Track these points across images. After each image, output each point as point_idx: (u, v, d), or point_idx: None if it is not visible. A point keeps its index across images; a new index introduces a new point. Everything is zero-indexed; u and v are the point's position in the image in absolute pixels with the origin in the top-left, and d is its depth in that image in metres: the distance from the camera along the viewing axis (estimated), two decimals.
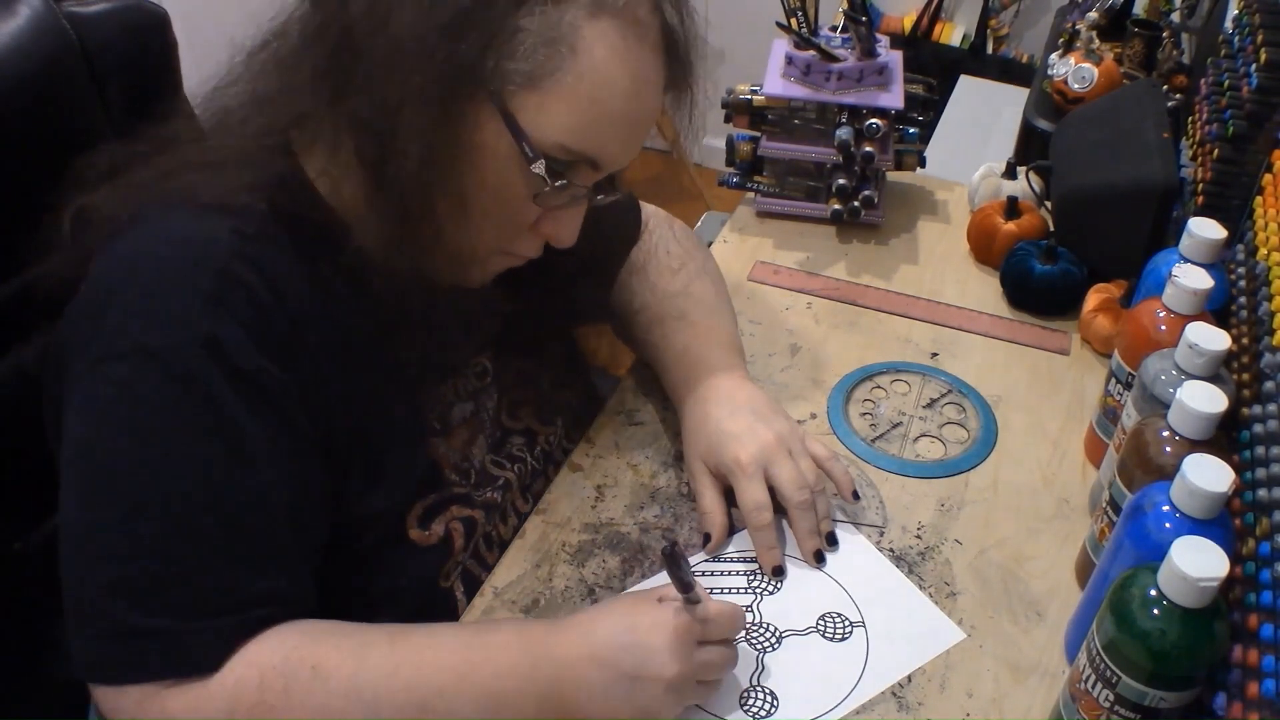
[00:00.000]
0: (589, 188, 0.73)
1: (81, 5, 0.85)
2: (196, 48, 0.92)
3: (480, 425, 0.85)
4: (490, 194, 0.69)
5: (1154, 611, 0.59)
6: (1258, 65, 0.92)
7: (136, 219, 0.68)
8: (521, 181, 0.69)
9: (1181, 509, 0.63)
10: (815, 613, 0.78)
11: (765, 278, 1.13)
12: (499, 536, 0.85)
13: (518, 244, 0.75)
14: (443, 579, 0.80)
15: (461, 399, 0.84)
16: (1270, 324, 0.74)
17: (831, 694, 0.73)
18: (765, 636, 0.77)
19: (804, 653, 0.76)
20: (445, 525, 0.80)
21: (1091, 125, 1.12)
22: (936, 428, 0.95)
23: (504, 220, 0.72)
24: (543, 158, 0.67)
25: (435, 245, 0.70)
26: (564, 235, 0.75)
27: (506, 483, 0.86)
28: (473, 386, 0.85)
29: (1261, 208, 0.84)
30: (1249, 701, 0.57)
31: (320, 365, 0.70)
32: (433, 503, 0.79)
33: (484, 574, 0.82)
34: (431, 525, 0.79)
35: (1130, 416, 0.79)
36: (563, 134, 0.67)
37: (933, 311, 1.09)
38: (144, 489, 0.63)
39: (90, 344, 0.65)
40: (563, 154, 0.68)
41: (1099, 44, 1.32)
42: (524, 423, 0.90)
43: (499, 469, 0.86)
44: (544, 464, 0.91)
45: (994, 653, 0.76)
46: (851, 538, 0.84)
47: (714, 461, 0.83)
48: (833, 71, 1.10)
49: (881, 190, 1.21)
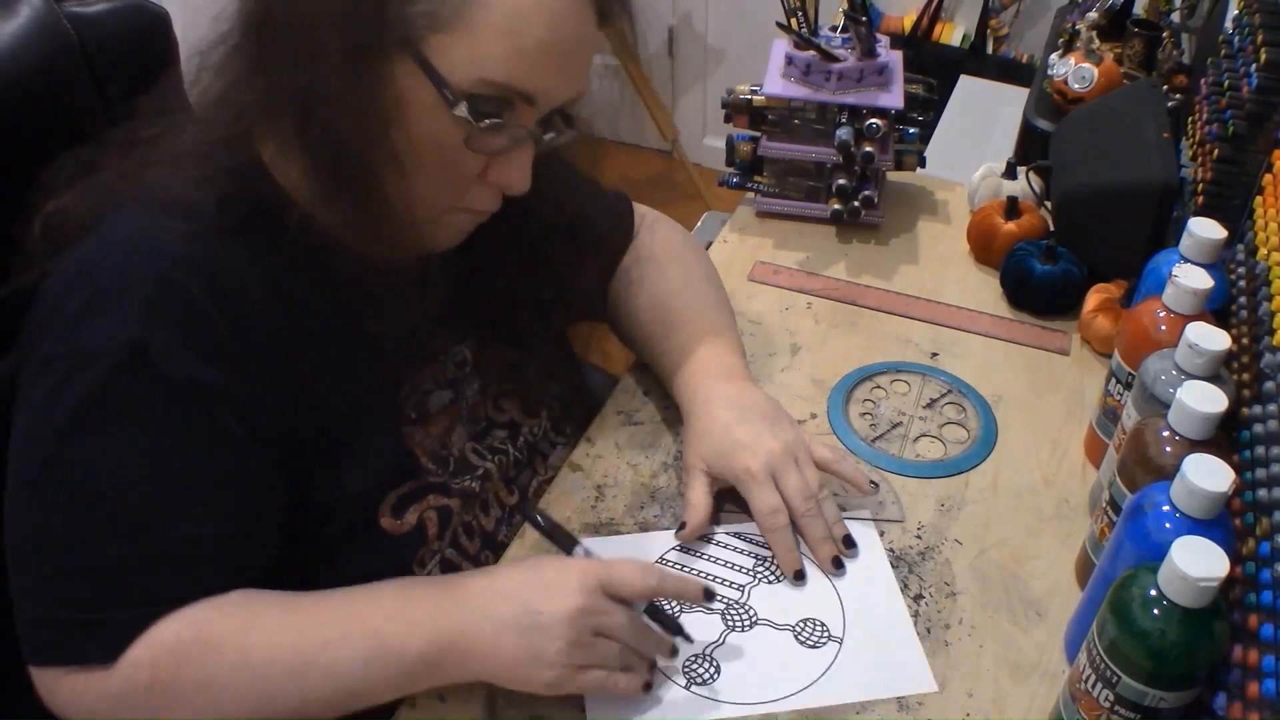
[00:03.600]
0: (530, 128, 0.71)
1: (82, 5, 0.85)
2: None
3: (460, 414, 0.85)
4: (424, 148, 0.68)
5: (1154, 611, 0.59)
6: (1258, 65, 0.92)
7: (96, 223, 0.70)
8: (451, 128, 0.67)
9: (1181, 509, 0.63)
10: (799, 614, 0.78)
11: (765, 278, 1.13)
12: (480, 527, 0.85)
13: (470, 198, 0.74)
14: (418, 566, 0.80)
15: (440, 386, 0.83)
16: (1270, 324, 0.74)
17: (770, 689, 0.73)
18: (740, 616, 0.78)
19: (769, 645, 0.76)
20: (419, 514, 0.80)
21: (1091, 125, 1.12)
22: (936, 428, 0.96)
23: (446, 173, 0.71)
24: (465, 99, 0.66)
25: (384, 211, 0.70)
26: (514, 180, 0.73)
27: (486, 473, 0.85)
28: (451, 374, 0.85)
29: (1261, 208, 0.84)
30: (1249, 701, 0.57)
31: (272, 361, 0.70)
32: (407, 491, 0.79)
33: (465, 564, 0.83)
34: (405, 514, 0.79)
35: (1130, 416, 0.79)
36: (481, 70, 0.66)
37: (933, 311, 1.09)
38: (60, 486, 0.66)
39: (38, 346, 0.67)
40: (487, 90, 0.67)
41: (1099, 44, 1.32)
42: (508, 414, 0.90)
43: (479, 459, 0.85)
44: (528, 455, 0.91)
45: (994, 653, 0.76)
46: (871, 549, 0.83)
47: (720, 467, 0.83)
48: (833, 71, 1.10)
49: (881, 190, 1.21)
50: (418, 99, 0.66)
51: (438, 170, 0.70)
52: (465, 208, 0.75)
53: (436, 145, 0.69)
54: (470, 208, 0.75)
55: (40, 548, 0.66)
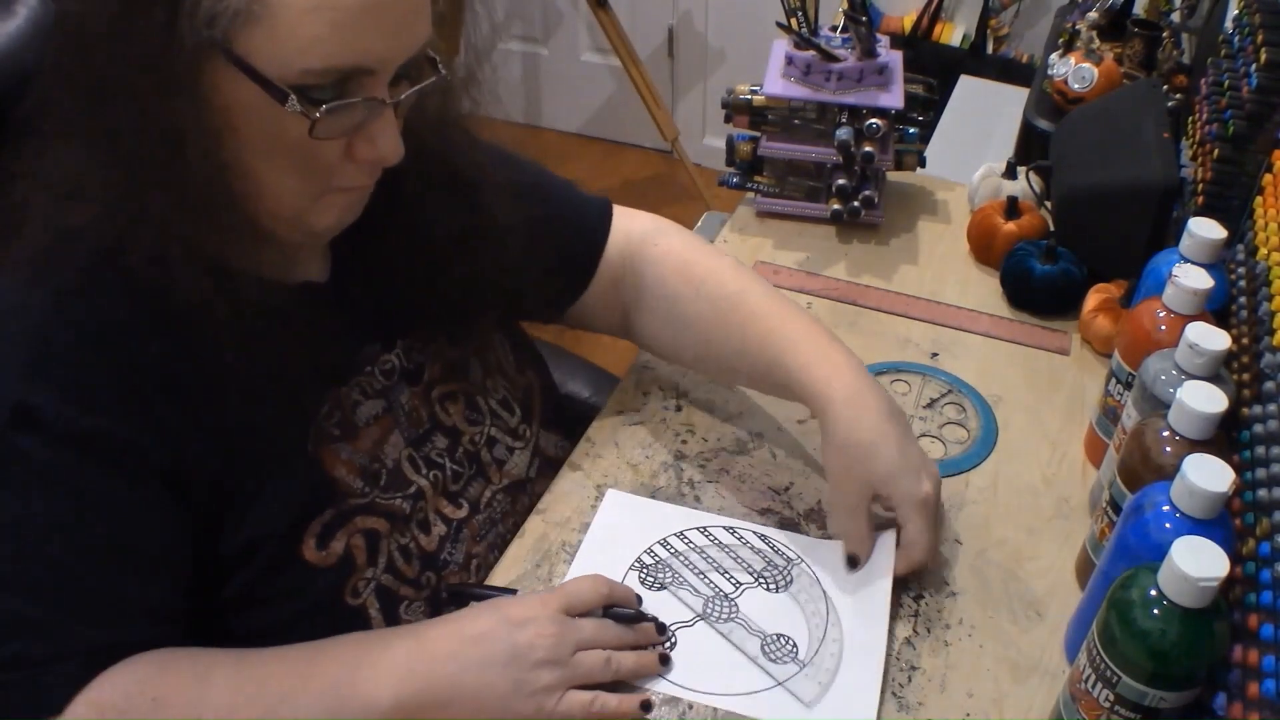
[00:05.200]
0: (379, 95, 0.64)
1: None
2: None
3: (395, 421, 0.80)
4: (269, 148, 0.64)
5: (1154, 611, 0.59)
6: (1258, 65, 0.92)
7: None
8: (290, 124, 0.62)
9: (1181, 509, 0.63)
10: (775, 628, 0.77)
11: (765, 278, 1.13)
12: (419, 548, 0.79)
13: (339, 179, 0.68)
14: (350, 596, 0.75)
15: (369, 397, 0.79)
16: (1270, 324, 0.74)
17: (708, 682, 0.73)
18: (720, 609, 0.78)
19: (732, 643, 0.76)
20: (345, 541, 0.75)
21: (1091, 125, 1.12)
22: (936, 428, 0.95)
23: (303, 166, 0.66)
24: (292, 92, 0.60)
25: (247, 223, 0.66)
26: (384, 152, 0.66)
27: (419, 491, 0.80)
28: (380, 384, 0.80)
29: (1261, 208, 0.84)
30: (1249, 701, 0.57)
31: (164, 405, 0.66)
32: (330, 519, 0.75)
33: (404, 588, 0.78)
34: (330, 543, 0.74)
35: (1130, 416, 0.79)
36: (303, 58, 0.60)
37: (933, 311, 1.09)
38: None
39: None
40: (315, 78, 0.61)
41: (1099, 44, 1.32)
42: (451, 419, 0.84)
43: (414, 471, 0.81)
44: (472, 466, 0.85)
45: (994, 653, 0.76)
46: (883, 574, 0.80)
47: (888, 490, 0.78)
48: (833, 71, 1.10)
49: (881, 190, 1.21)
50: (245, 101, 0.61)
51: (292, 166, 0.65)
52: (339, 188, 0.69)
53: (281, 143, 0.64)
54: (344, 187, 0.69)
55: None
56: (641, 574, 0.81)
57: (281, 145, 0.64)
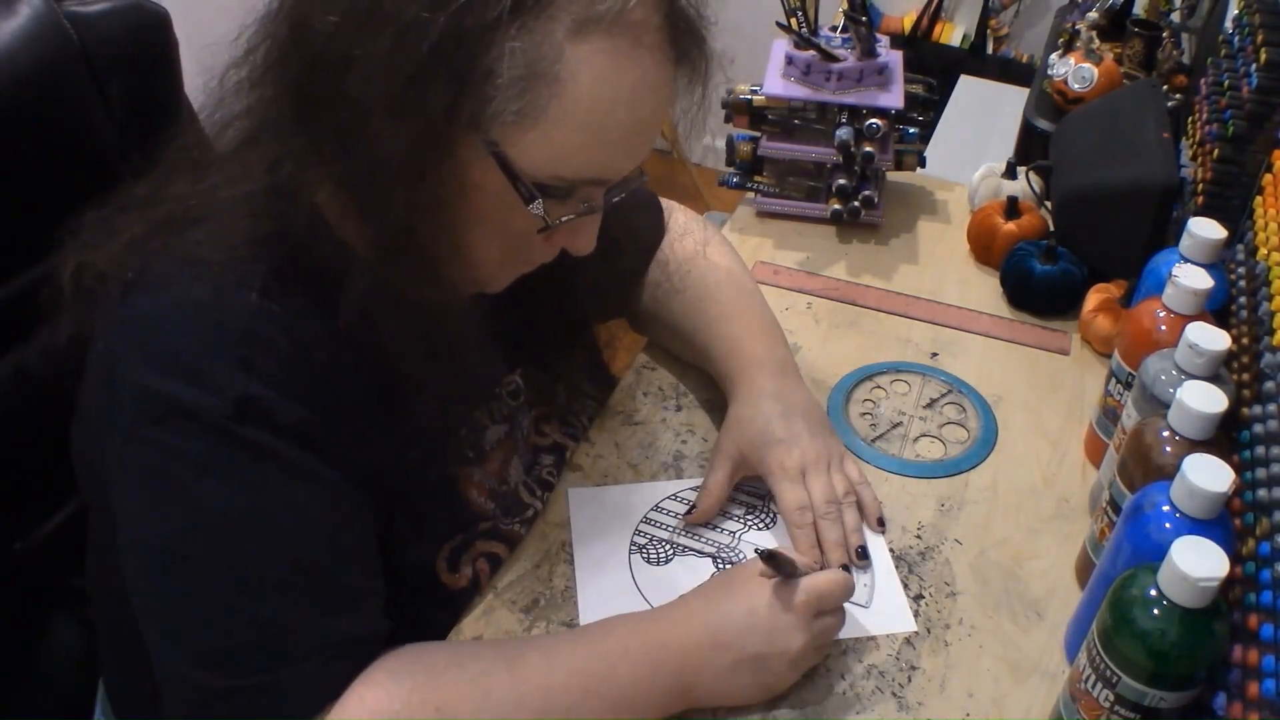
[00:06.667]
0: (599, 202, 0.69)
1: (82, 5, 0.85)
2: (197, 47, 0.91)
3: (515, 446, 0.83)
4: (488, 230, 0.67)
5: (1154, 611, 0.59)
6: (1258, 65, 0.92)
7: (142, 279, 0.66)
8: (522, 216, 0.65)
9: (1181, 509, 0.63)
10: None
11: (765, 278, 1.13)
12: None
13: (536, 257, 0.72)
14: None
15: (496, 421, 0.82)
16: (1270, 324, 0.74)
17: None
18: (729, 556, 0.82)
19: None
20: (472, 564, 0.78)
21: (1091, 125, 1.12)
22: (936, 428, 0.96)
23: (513, 248, 0.69)
24: (540, 196, 0.64)
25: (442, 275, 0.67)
26: (581, 245, 0.71)
27: (536, 513, 0.84)
28: (507, 408, 0.83)
29: (1261, 208, 0.84)
30: (1249, 701, 0.57)
31: (351, 416, 0.67)
32: (459, 543, 0.77)
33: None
34: (460, 567, 0.77)
35: (1130, 416, 0.79)
36: (560, 166, 0.63)
37: (933, 311, 1.09)
38: (206, 552, 0.62)
39: (117, 413, 0.63)
40: (562, 183, 0.64)
41: (1099, 44, 1.33)
42: (551, 438, 0.88)
43: (530, 495, 0.84)
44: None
45: (994, 653, 0.76)
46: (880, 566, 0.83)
47: (755, 458, 0.83)
48: (833, 71, 1.10)
49: (881, 190, 1.21)
50: (488, 187, 0.63)
51: (502, 245, 0.69)
52: (527, 262, 0.73)
53: (505, 229, 0.67)
54: (531, 261, 0.73)
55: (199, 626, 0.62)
56: (644, 554, 0.82)
57: (504, 230, 0.67)
